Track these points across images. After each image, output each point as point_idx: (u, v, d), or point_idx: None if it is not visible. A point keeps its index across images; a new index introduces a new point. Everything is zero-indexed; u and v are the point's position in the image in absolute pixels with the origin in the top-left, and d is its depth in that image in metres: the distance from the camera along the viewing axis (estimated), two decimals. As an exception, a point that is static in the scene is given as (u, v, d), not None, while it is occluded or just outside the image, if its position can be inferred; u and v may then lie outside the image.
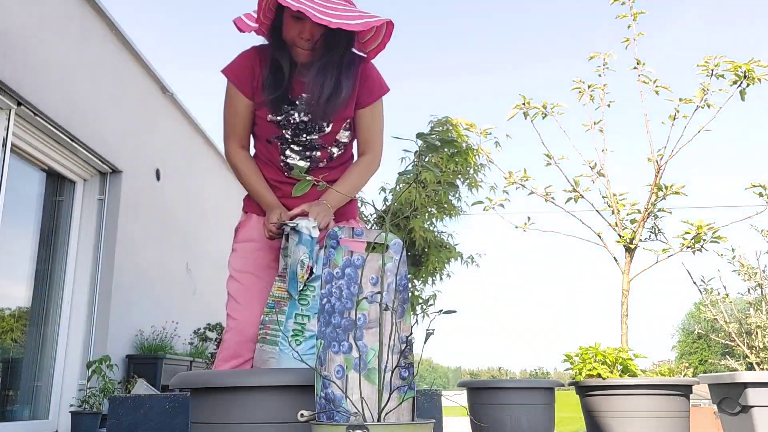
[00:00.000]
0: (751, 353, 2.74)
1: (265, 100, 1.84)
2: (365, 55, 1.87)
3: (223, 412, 1.20)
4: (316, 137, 1.89)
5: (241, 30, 1.78)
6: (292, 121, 1.86)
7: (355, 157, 2.02)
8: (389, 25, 1.71)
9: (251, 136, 1.98)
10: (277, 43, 1.80)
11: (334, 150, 1.93)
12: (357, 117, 1.92)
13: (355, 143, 2.00)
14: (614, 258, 3.07)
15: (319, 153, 1.91)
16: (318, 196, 1.91)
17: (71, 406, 4.46)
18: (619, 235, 3.06)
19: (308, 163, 1.93)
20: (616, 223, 3.10)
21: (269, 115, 1.86)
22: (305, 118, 1.87)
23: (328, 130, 1.88)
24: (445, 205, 5.58)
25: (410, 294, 5.64)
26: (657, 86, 3.18)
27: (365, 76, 1.88)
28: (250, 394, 1.19)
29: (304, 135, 1.88)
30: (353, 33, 1.77)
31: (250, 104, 1.88)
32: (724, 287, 2.99)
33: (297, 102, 1.86)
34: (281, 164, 1.93)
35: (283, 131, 1.88)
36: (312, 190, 1.93)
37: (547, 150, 3.24)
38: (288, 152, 1.91)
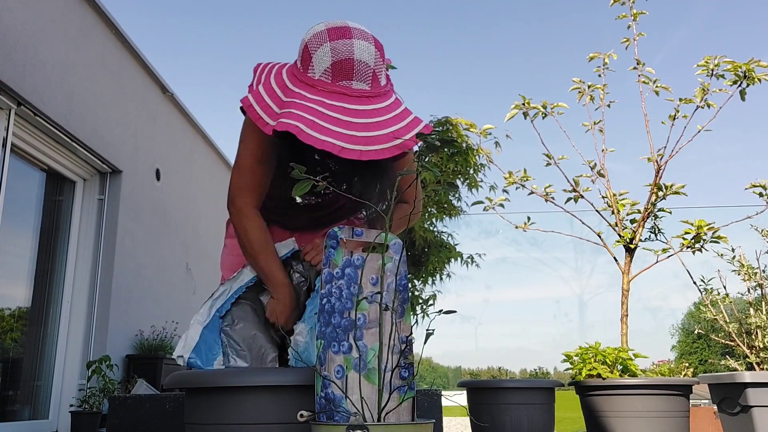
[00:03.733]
0: (751, 353, 2.74)
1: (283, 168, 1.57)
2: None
3: (220, 412, 1.20)
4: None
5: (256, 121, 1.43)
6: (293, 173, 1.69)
7: None
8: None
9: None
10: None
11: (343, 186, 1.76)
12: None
13: None
14: (614, 258, 3.07)
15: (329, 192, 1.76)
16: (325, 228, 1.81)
17: (71, 406, 4.46)
18: (619, 235, 3.06)
19: (319, 199, 1.77)
20: (616, 223, 3.10)
21: (288, 176, 1.61)
22: (330, 179, 1.67)
23: (344, 186, 1.72)
24: (445, 205, 5.59)
25: (410, 294, 5.64)
26: (657, 86, 3.19)
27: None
28: (248, 393, 1.19)
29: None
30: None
31: (277, 147, 1.58)
32: (724, 287, 2.99)
33: (324, 164, 1.65)
34: (285, 192, 1.74)
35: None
36: (319, 230, 1.87)
37: (547, 150, 3.24)
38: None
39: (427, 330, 1.14)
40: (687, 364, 2.64)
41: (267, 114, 1.41)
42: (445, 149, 5.47)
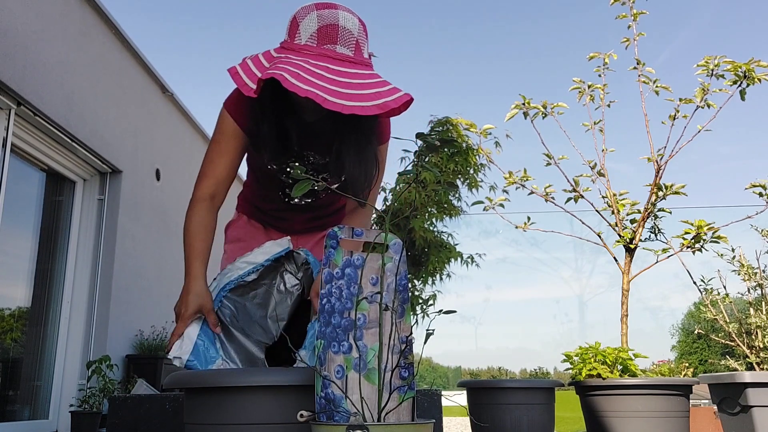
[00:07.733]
0: (751, 353, 2.74)
1: (265, 154, 1.68)
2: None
3: (220, 412, 1.20)
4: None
5: (241, 89, 1.48)
6: (292, 173, 1.71)
7: None
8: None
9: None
10: (280, 101, 1.57)
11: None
12: None
13: None
14: (614, 258, 3.07)
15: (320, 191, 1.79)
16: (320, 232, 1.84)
17: (71, 406, 4.46)
18: (619, 235, 3.06)
19: (310, 199, 1.81)
20: (616, 223, 3.10)
21: (268, 164, 1.70)
22: (311, 173, 1.71)
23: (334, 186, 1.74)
24: (445, 205, 5.58)
25: (410, 294, 5.64)
26: (657, 86, 3.19)
27: (379, 123, 1.69)
28: (248, 393, 1.19)
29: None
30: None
31: (246, 144, 1.67)
32: (724, 287, 2.98)
33: (303, 157, 1.71)
34: (279, 194, 1.80)
35: (283, 177, 1.73)
36: (316, 233, 1.89)
37: (547, 150, 3.24)
38: (287, 190, 1.78)
39: (427, 330, 1.14)
40: (687, 364, 2.64)
41: (252, 81, 1.46)
42: (445, 149, 5.47)
